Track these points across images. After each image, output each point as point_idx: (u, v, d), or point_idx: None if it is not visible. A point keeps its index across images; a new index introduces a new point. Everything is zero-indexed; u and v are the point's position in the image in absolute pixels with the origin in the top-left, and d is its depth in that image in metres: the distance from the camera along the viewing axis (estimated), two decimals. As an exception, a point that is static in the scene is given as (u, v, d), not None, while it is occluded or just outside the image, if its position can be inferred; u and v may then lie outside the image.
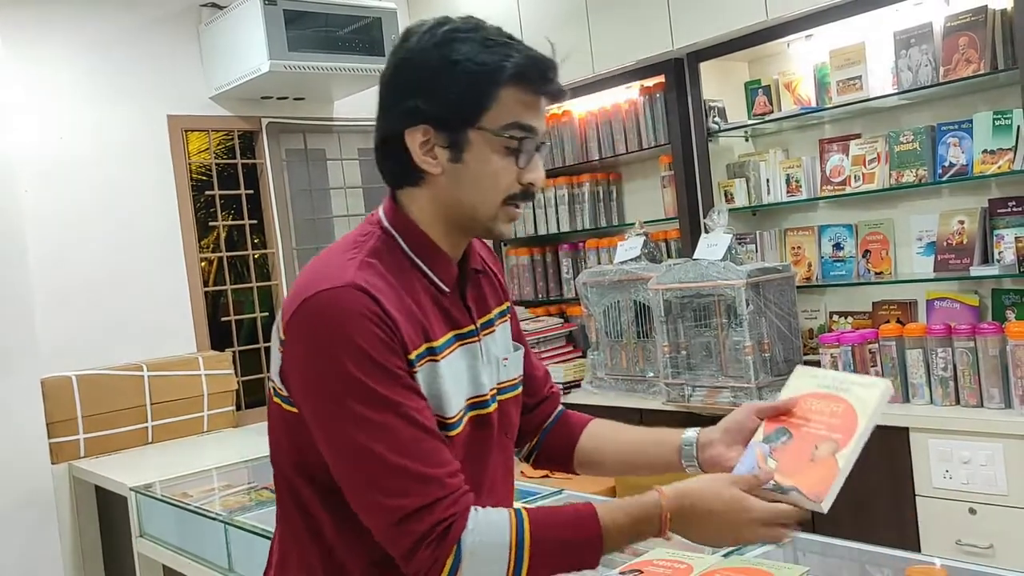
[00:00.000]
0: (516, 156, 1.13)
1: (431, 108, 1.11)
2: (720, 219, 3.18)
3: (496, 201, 1.14)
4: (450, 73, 1.10)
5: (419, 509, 1.03)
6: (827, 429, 1.18)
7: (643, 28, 3.43)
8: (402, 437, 1.04)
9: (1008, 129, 2.75)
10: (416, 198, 1.17)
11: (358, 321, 1.05)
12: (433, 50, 1.11)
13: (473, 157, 1.12)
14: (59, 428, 3.37)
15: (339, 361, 1.04)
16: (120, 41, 3.76)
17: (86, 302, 3.60)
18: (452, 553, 1.03)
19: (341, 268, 1.10)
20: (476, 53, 1.10)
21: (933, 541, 2.65)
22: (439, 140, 1.12)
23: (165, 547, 2.79)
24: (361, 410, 1.04)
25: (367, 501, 1.06)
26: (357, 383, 1.04)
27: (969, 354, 2.67)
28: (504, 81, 1.10)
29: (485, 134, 1.11)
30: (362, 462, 1.05)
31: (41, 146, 3.56)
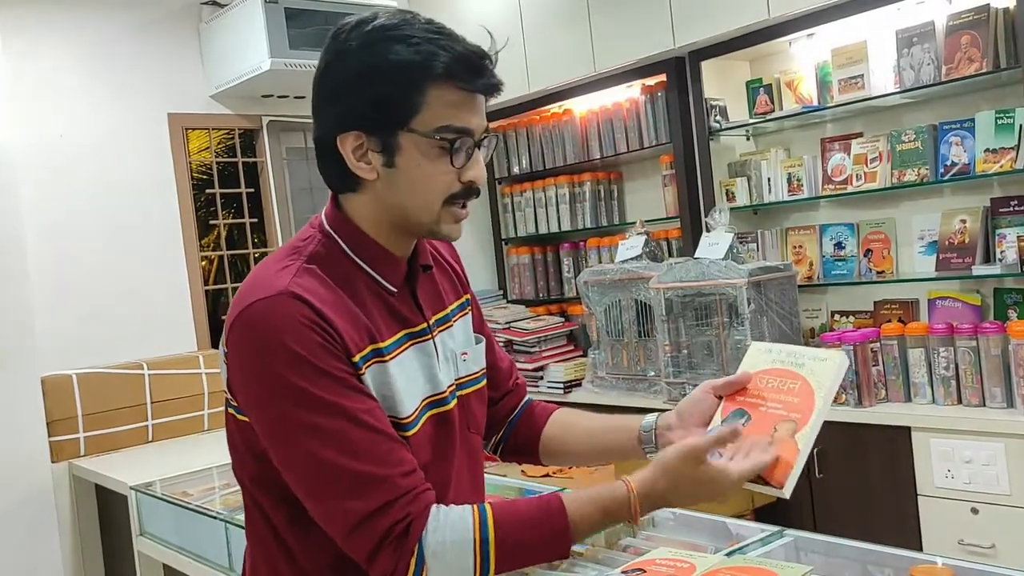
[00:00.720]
0: (451, 157, 1.09)
1: (359, 114, 1.08)
2: (721, 218, 3.17)
3: (435, 203, 1.11)
4: (374, 77, 1.06)
5: (375, 512, 1.01)
6: (785, 408, 1.17)
7: (644, 27, 3.43)
8: (351, 439, 1.02)
9: (1010, 128, 2.75)
10: (356, 202, 1.15)
11: (294, 328, 1.03)
12: (357, 52, 1.07)
13: (406, 161, 1.09)
14: (59, 427, 3.37)
15: (278, 370, 1.02)
16: (121, 39, 3.76)
17: (86, 300, 3.59)
18: (414, 555, 1.02)
19: (276, 276, 1.08)
20: (401, 53, 1.05)
21: (935, 541, 2.65)
22: (371, 145, 1.09)
23: (165, 546, 2.78)
24: (306, 417, 1.02)
25: (323, 508, 1.05)
26: (299, 391, 1.02)
27: (971, 353, 2.66)
28: (431, 81, 1.06)
29: (416, 137, 1.07)
30: (313, 469, 1.03)
31: (41, 144, 3.55)
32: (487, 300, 4.32)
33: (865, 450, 2.82)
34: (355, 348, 1.07)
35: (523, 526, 1.06)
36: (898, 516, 2.75)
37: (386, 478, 1.03)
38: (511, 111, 4.21)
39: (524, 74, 3.87)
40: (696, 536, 1.78)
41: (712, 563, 1.47)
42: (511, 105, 4.11)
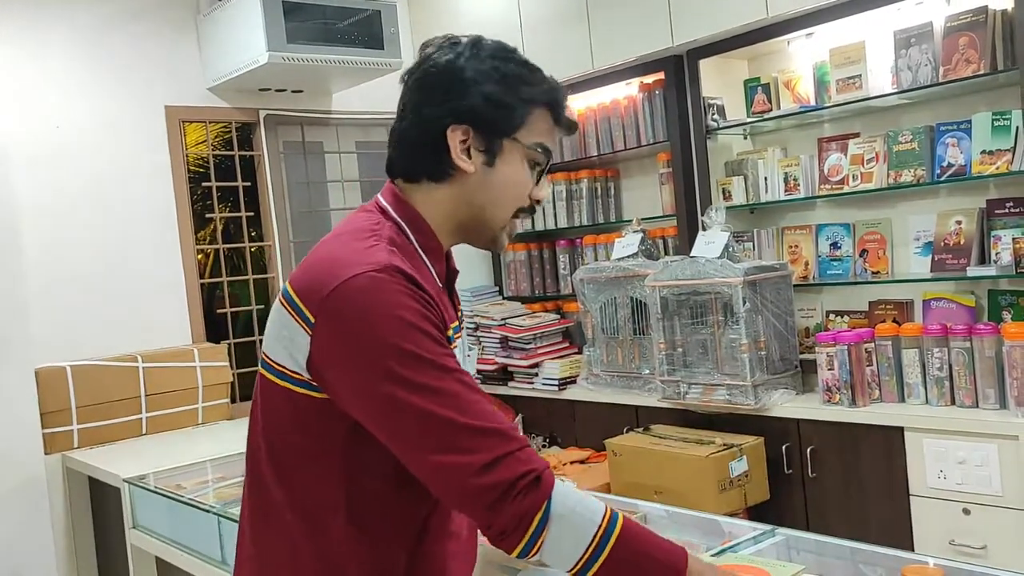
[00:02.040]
0: (536, 172, 1.23)
1: (478, 111, 1.18)
2: (718, 217, 3.17)
3: (511, 209, 1.23)
4: (500, 85, 1.19)
5: (502, 457, 1.04)
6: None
7: (643, 25, 3.43)
8: (463, 399, 1.07)
9: (1007, 130, 2.75)
10: (433, 193, 1.21)
11: (401, 300, 1.08)
12: (486, 60, 1.20)
13: (505, 165, 1.21)
14: (53, 418, 3.37)
15: (389, 338, 1.06)
16: (118, 30, 3.75)
17: (81, 292, 3.58)
18: (541, 509, 1.03)
19: (369, 252, 1.12)
20: (523, 73, 1.21)
21: (927, 541, 2.65)
22: (477, 143, 1.19)
23: (158, 539, 2.78)
24: (419, 379, 1.05)
25: (441, 463, 1.05)
26: (410, 354, 1.06)
27: (965, 354, 2.67)
28: (542, 104, 1.22)
29: (518, 145, 1.20)
30: (431, 427, 1.05)
31: (37, 135, 3.54)
32: (483, 296, 4.32)
33: (858, 450, 2.83)
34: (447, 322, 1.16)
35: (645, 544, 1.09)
36: (890, 516, 2.75)
37: (501, 431, 1.06)
38: (509, 107, 4.20)
39: (522, 70, 3.86)
40: (689, 534, 1.79)
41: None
42: (509, 101, 4.11)
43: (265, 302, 4.20)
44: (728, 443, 2.95)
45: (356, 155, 4.43)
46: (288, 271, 4.14)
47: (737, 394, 3.05)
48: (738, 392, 3.05)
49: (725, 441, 2.97)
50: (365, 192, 4.48)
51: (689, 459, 2.90)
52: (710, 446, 2.94)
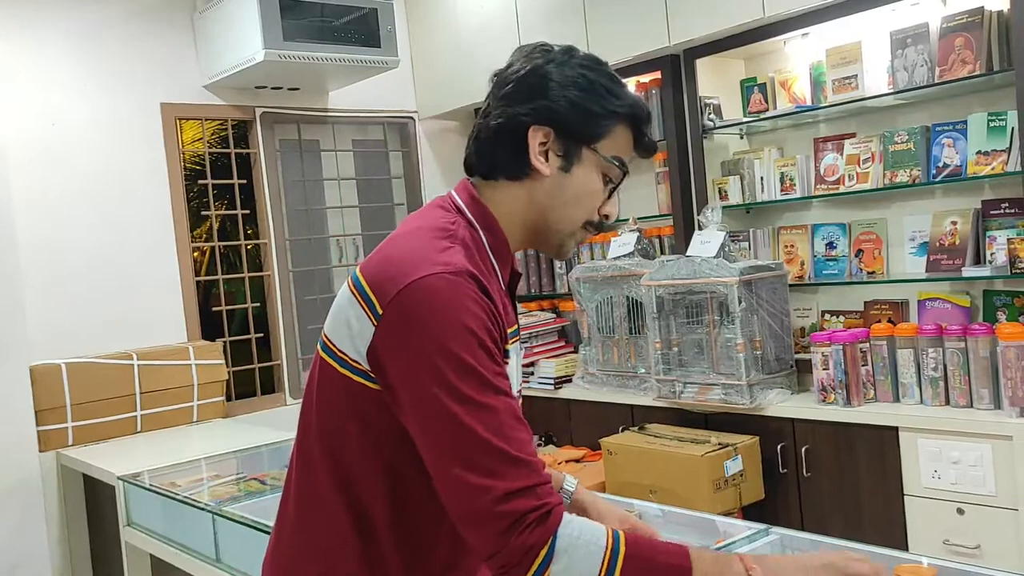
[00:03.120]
0: (607, 186, 1.24)
1: (561, 115, 1.19)
2: (714, 216, 3.18)
3: (581, 219, 1.24)
4: (585, 92, 1.20)
5: (520, 491, 1.04)
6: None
7: (640, 24, 3.43)
8: (503, 421, 1.07)
9: (1002, 131, 2.76)
10: (507, 192, 1.23)
11: (471, 307, 1.09)
12: (575, 67, 1.21)
13: (581, 172, 1.22)
14: (47, 416, 3.36)
15: (450, 343, 1.07)
16: (114, 28, 3.74)
17: (77, 290, 3.58)
18: (548, 544, 1.04)
19: (446, 253, 1.13)
20: (611, 86, 1.22)
21: (921, 540, 2.66)
22: (556, 147, 1.20)
23: (152, 536, 2.78)
24: (467, 391, 1.06)
25: (463, 479, 1.05)
26: (466, 366, 1.07)
27: (960, 355, 2.67)
28: (626, 119, 1.23)
29: (596, 156, 1.22)
30: (465, 440, 1.06)
31: (33, 132, 3.53)
32: (479, 295, 4.32)
33: (853, 449, 2.84)
34: (507, 334, 1.17)
35: (650, 552, 1.09)
36: (884, 515, 2.76)
37: (529, 463, 1.07)
38: (505, 106, 4.20)
39: (519, 69, 3.86)
40: (684, 533, 1.79)
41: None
42: (505, 100, 4.10)
43: (260, 300, 4.20)
44: (723, 442, 2.95)
45: (352, 153, 4.43)
46: (283, 269, 4.14)
47: (732, 393, 3.05)
48: (733, 391, 3.05)
49: (720, 440, 2.97)
50: (361, 190, 4.48)
51: (684, 458, 2.90)
52: (705, 445, 2.94)
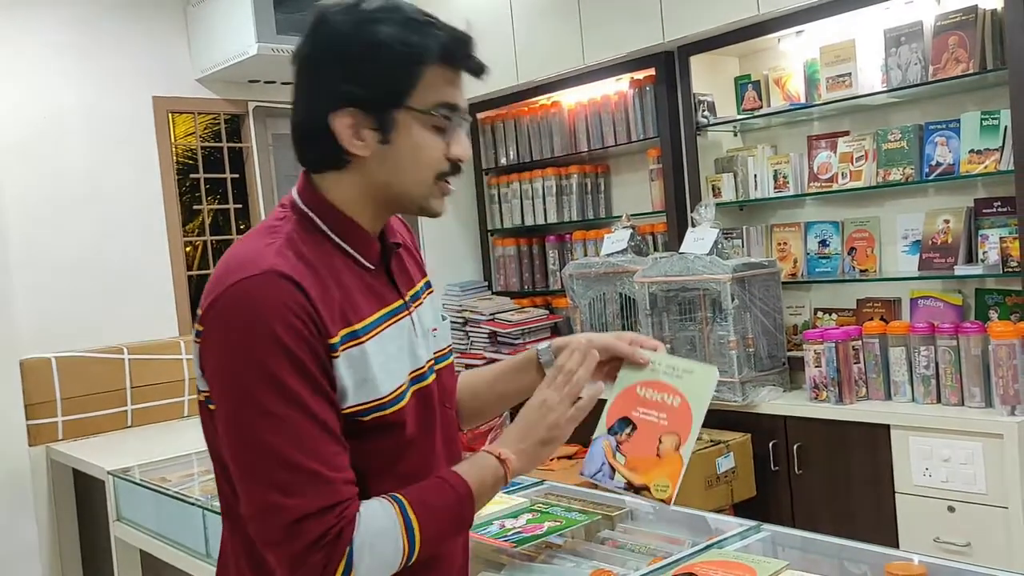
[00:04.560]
0: (443, 134, 1.13)
1: (357, 91, 1.09)
2: (707, 213, 3.17)
3: (428, 179, 1.14)
4: (375, 55, 1.08)
5: (315, 513, 1.01)
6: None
7: (634, 20, 3.42)
8: (305, 435, 1.02)
9: (995, 129, 2.76)
10: (339, 181, 1.14)
11: (278, 311, 1.02)
12: (355, 32, 1.09)
13: (402, 137, 1.11)
14: (37, 410, 3.34)
15: (254, 351, 1.02)
16: (106, 20, 3.72)
17: (67, 283, 3.56)
18: (344, 557, 1.02)
19: (259, 254, 1.07)
20: (400, 34, 1.08)
21: (911, 538, 2.67)
22: (366, 122, 1.10)
23: (142, 531, 2.77)
24: (269, 403, 1.01)
25: (262, 499, 1.03)
26: (269, 376, 1.01)
27: (951, 353, 2.68)
28: (429, 60, 1.10)
29: (413, 114, 1.10)
30: (263, 456, 1.02)
31: (24, 126, 3.51)
32: (472, 291, 4.31)
33: (844, 447, 2.84)
34: (333, 331, 1.07)
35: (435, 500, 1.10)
36: (875, 513, 2.77)
37: (333, 481, 1.03)
38: (499, 102, 4.19)
39: (513, 65, 3.86)
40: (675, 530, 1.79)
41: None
42: (499, 96, 4.10)
43: (253, 295, 4.18)
44: (715, 439, 2.95)
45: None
46: (276, 264, 4.12)
47: (725, 390, 3.05)
48: (726, 388, 3.05)
49: (712, 437, 2.97)
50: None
51: (676, 455, 2.89)
52: (697, 442, 2.94)
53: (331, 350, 1.06)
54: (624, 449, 1.23)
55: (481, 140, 4.43)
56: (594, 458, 1.24)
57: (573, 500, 1.96)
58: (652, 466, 1.22)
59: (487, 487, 1.14)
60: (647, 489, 1.21)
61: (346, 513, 1.03)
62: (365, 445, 1.09)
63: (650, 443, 1.23)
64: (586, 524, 1.80)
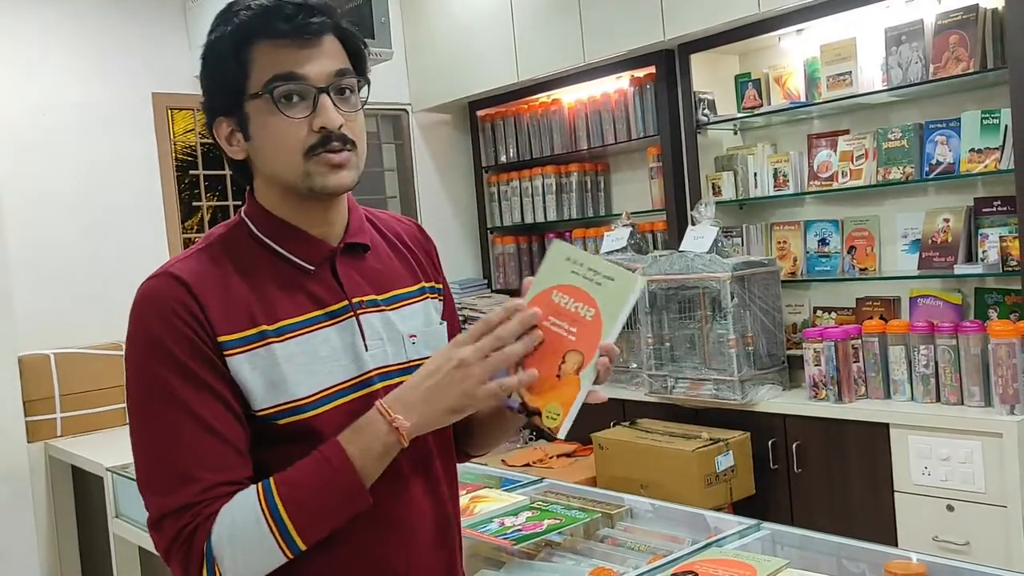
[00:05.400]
0: (296, 108, 1.08)
1: (213, 101, 1.12)
2: (707, 212, 3.17)
3: (295, 160, 1.09)
4: (210, 60, 1.11)
5: (173, 512, 1.01)
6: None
7: (635, 18, 3.42)
8: (177, 433, 1.03)
9: (995, 128, 2.76)
10: (258, 186, 1.17)
11: (162, 312, 1.05)
12: (205, 46, 1.12)
13: (257, 128, 1.10)
14: (36, 406, 3.34)
15: (137, 351, 1.06)
16: (106, 16, 3.71)
17: (66, 279, 3.55)
18: (203, 554, 1.01)
19: (173, 260, 1.12)
20: (221, 29, 1.10)
21: (910, 536, 2.67)
22: (232, 125, 1.12)
23: (141, 528, 2.76)
24: (147, 401, 1.05)
25: (142, 494, 1.06)
26: (150, 375, 1.04)
27: (951, 352, 2.68)
28: (246, 43, 1.07)
29: (255, 102, 1.09)
30: (141, 453, 1.05)
31: (23, 121, 3.50)
32: (471, 289, 4.31)
33: (843, 446, 2.84)
34: (226, 330, 1.06)
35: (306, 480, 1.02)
36: (874, 511, 2.77)
37: (199, 480, 1.02)
38: (499, 99, 4.19)
39: (513, 62, 3.86)
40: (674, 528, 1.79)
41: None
42: (500, 93, 4.10)
43: (252, 292, 4.17)
44: (714, 438, 2.95)
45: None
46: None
47: (724, 389, 3.05)
48: (725, 387, 3.05)
49: (711, 436, 2.97)
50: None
51: (675, 453, 2.90)
52: (696, 441, 2.94)
53: (221, 348, 1.05)
54: (526, 363, 1.06)
55: (481, 137, 4.42)
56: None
57: (573, 498, 1.96)
58: (549, 387, 1.06)
59: (373, 457, 1.04)
60: (539, 414, 1.06)
61: (203, 511, 1.01)
62: (284, 451, 1.05)
63: (553, 360, 1.06)
64: (586, 522, 1.80)
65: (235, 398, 1.06)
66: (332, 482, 1.03)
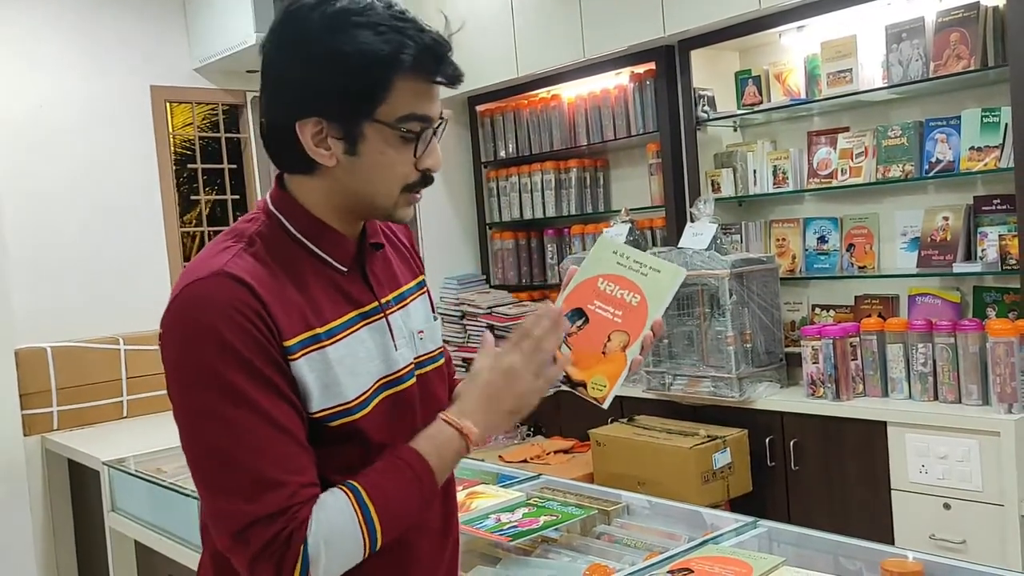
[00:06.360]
0: (415, 146, 1.09)
1: (323, 101, 1.05)
2: (706, 208, 3.17)
3: (395, 191, 1.11)
4: (343, 65, 1.04)
5: (266, 517, 0.99)
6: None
7: (635, 14, 3.41)
8: (255, 437, 1.00)
9: (996, 127, 2.75)
10: (308, 185, 1.12)
11: (226, 313, 1.01)
12: (322, 38, 1.04)
13: (369, 150, 1.07)
14: (32, 400, 3.34)
15: (204, 355, 1.01)
16: (104, 9, 3.70)
17: (63, 273, 3.55)
18: (299, 558, 1.00)
19: (216, 257, 1.07)
20: (369, 42, 1.03)
21: (907, 535, 2.67)
22: (332, 132, 1.07)
23: (137, 522, 2.77)
24: (217, 406, 1.00)
25: (215, 504, 1.03)
26: (218, 377, 1.00)
27: (949, 350, 2.68)
28: (399, 72, 1.05)
29: (380, 127, 1.06)
30: (212, 461, 1.02)
31: (21, 114, 3.50)
32: (470, 284, 4.30)
33: (841, 443, 2.84)
34: (288, 334, 1.05)
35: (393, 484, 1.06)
36: (871, 509, 2.77)
37: (285, 483, 1.01)
38: (498, 95, 4.18)
39: (513, 58, 3.85)
40: (671, 525, 1.79)
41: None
42: (499, 89, 4.09)
43: (250, 286, 4.17)
44: (712, 435, 2.95)
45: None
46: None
47: (722, 386, 3.05)
48: (723, 384, 3.05)
49: (709, 433, 2.97)
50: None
51: (673, 450, 2.90)
52: (694, 438, 2.94)
53: (286, 352, 1.04)
54: (571, 341, 1.17)
55: (480, 133, 4.41)
56: None
57: (569, 494, 1.96)
58: (595, 363, 1.16)
59: (447, 462, 1.11)
60: (583, 386, 1.16)
61: (298, 515, 1.00)
62: (332, 451, 1.07)
63: (598, 339, 1.17)
64: (582, 519, 1.79)
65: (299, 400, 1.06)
66: (416, 487, 1.07)
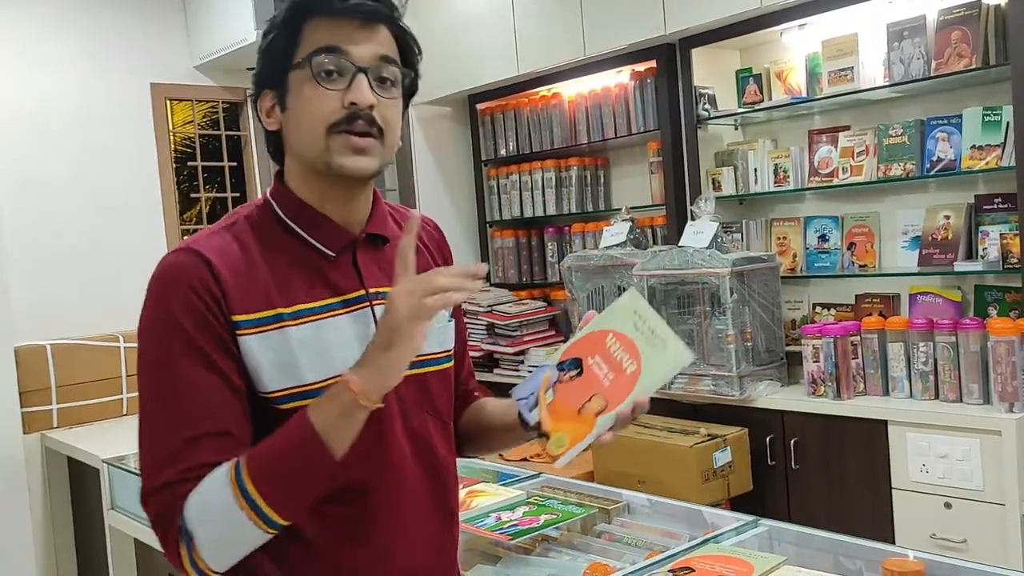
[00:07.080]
0: (335, 82, 1.09)
1: (265, 72, 1.14)
2: (707, 207, 3.16)
3: (318, 132, 1.09)
4: (267, 33, 1.15)
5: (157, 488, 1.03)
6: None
7: (636, 12, 3.40)
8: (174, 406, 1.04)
9: (997, 125, 2.75)
10: (289, 171, 1.18)
11: (179, 286, 1.06)
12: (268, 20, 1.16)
13: (293, 98, 1.12)
14: (32, 397, 3.33)
15: (151, 320, 1.07)
16: (104, 8, 3.70)
17: (63, 270, 3.55)
18: (179, 532, 1.01)
19: (197, 236, 1.14)
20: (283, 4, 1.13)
21: (908, 534, 2.67)
22: (274, 98, 1.14)
23: (137, 520, 2.76)
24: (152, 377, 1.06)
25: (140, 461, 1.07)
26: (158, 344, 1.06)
27: (950, 349, 2.67)
28: (303, 16, 1.11)
29: (297, 72, 1.11)
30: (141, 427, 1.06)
31: (20, 111, 3.49)
32: (469, 283, 4.30)
33: (841, 442, 2.84)
34: (242, 309, 1.07)
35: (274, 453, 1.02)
36: (872, 508, 2.76)
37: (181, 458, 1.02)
38: (499, 93, 4.18)
39: (513, 56, 3.84)
40: (672, 524, 1.78)
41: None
42: (499, 87, 4.08)
43: (250, 284, 4.17)
44: (712, 433, 2.95)
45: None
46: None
47: (722, 385, 3.05)
48: (723, 383, 3.04)
49: (709, 431, 2.97)
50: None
51: (673, 449, 2.89)
52: (694, 436, 2.94)
53: (235, 327, 1.06)
54: (558, 389, 1.15)
55: (480, 131, 4.41)
56: (530, 383, 1.18)
57: (570, 493, 1.96)
58: (567, 419, 1.13)
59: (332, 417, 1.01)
60: (547, 438, 1.13)
61: (179, 491, 1.01)
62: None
63: (581, 396, 1.14)
64: (583, 517, 1.79)
65: (240, 377, 1.07)
66: (293, 444, 1.02)
